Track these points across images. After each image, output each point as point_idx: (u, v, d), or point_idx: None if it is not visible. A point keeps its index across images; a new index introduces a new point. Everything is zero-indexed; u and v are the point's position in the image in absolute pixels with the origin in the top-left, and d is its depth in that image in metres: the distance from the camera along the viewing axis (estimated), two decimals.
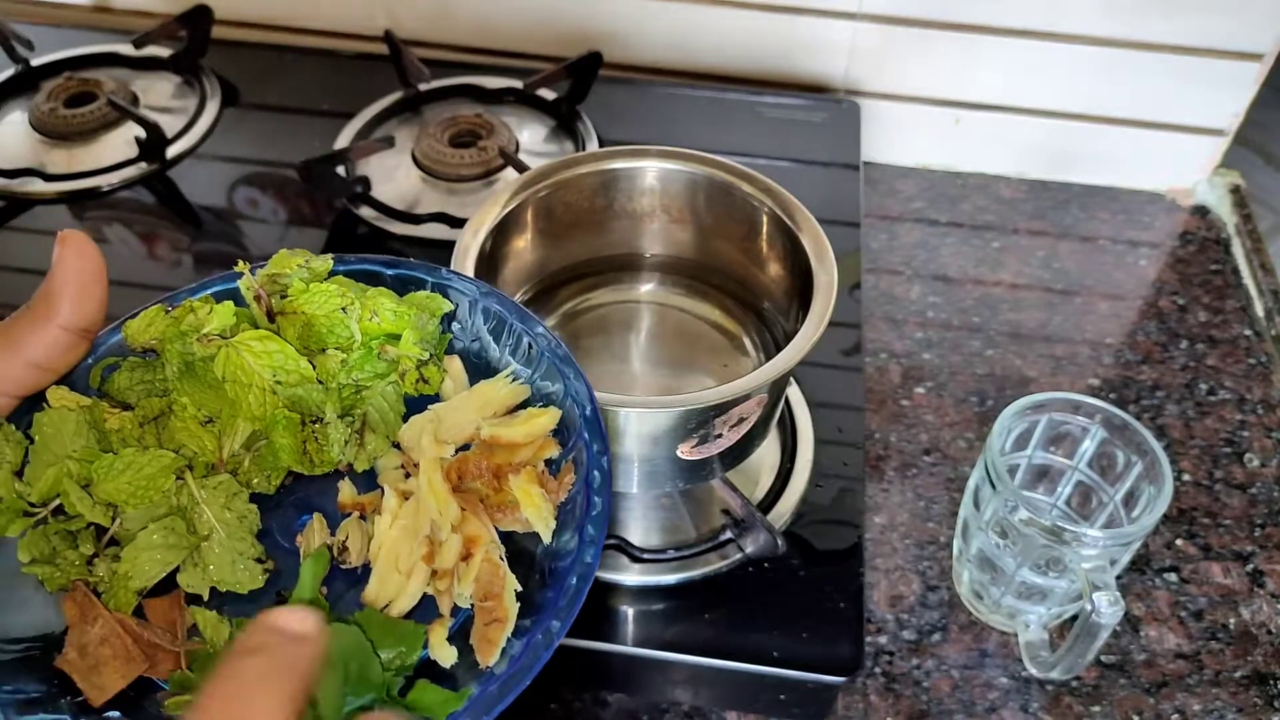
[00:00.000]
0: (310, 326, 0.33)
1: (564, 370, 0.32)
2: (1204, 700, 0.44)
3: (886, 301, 0.60)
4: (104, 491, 0.31)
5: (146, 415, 0.33)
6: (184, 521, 0.32)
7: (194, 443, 0.33)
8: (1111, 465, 0.44)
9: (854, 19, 0.64)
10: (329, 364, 0.33)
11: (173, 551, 0.31)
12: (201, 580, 0.32)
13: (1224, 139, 0.66)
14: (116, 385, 0.34)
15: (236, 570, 0.32)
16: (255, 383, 0.32)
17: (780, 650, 0.40)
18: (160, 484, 0.32)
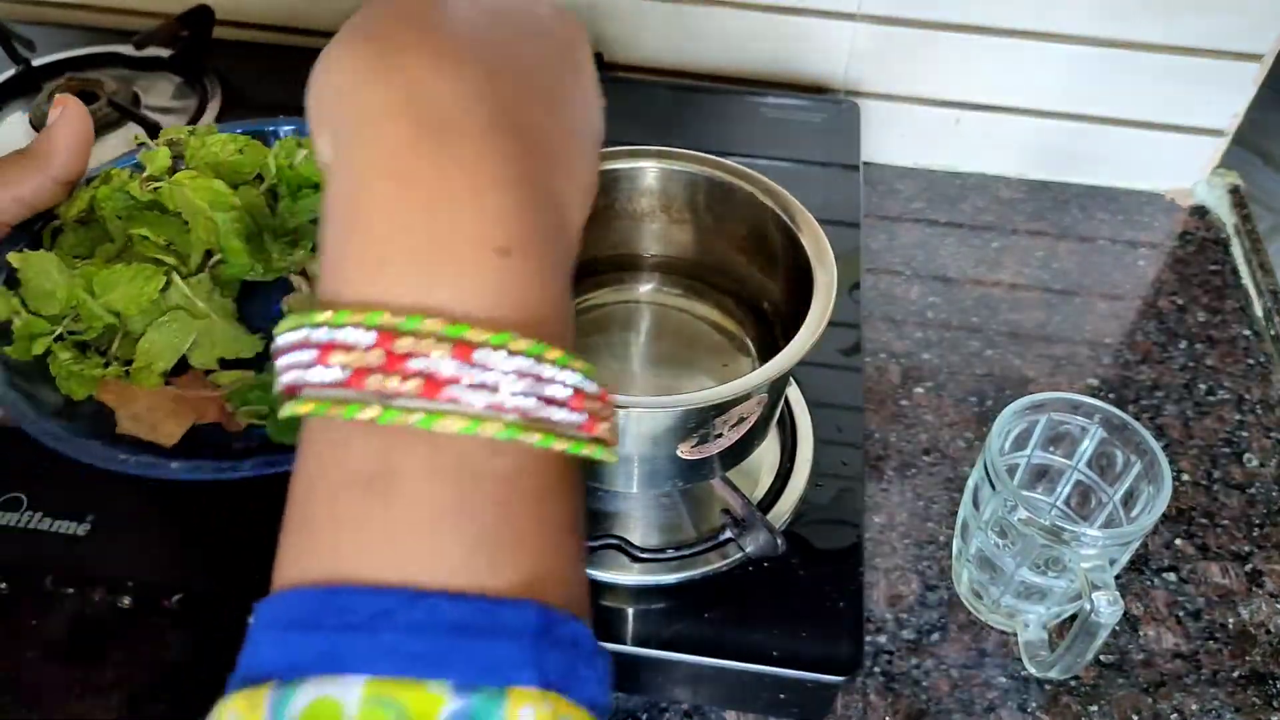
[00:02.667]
0: (221, 168, 0.43)
1: None
2: (1202, 700, 0.44)
3: (886, 301, 0.61)
4: (108, 302, 0.38)
5: (108, 255, 0.40)
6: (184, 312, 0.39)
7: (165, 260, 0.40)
8: (1110, 465, 0.44)
9: (854, 19, 0.64)
10: (250, 194, 0.43)
11: (182, 335, 0.39)
12: (210, 355, 0.40)
13: (1223, 139, 0.66)
14: (68, 243, 0.41)
15: (238, 342, 0.40)
16: (200, 210, 0.41)
17: (780, 649, 0.40)
18: (153, 289, 0.39)
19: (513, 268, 0.19)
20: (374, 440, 0.18)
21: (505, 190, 0.19)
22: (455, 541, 0.18)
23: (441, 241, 0.18)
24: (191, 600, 0.43)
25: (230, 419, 0.38)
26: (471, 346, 0.18)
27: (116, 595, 0.43)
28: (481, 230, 0.19)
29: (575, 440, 0.19)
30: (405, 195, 0.18)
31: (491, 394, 0.18)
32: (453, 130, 0.19)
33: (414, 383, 0.17)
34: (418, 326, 0.18)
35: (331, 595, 0.18)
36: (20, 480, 0.44)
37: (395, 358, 0.17)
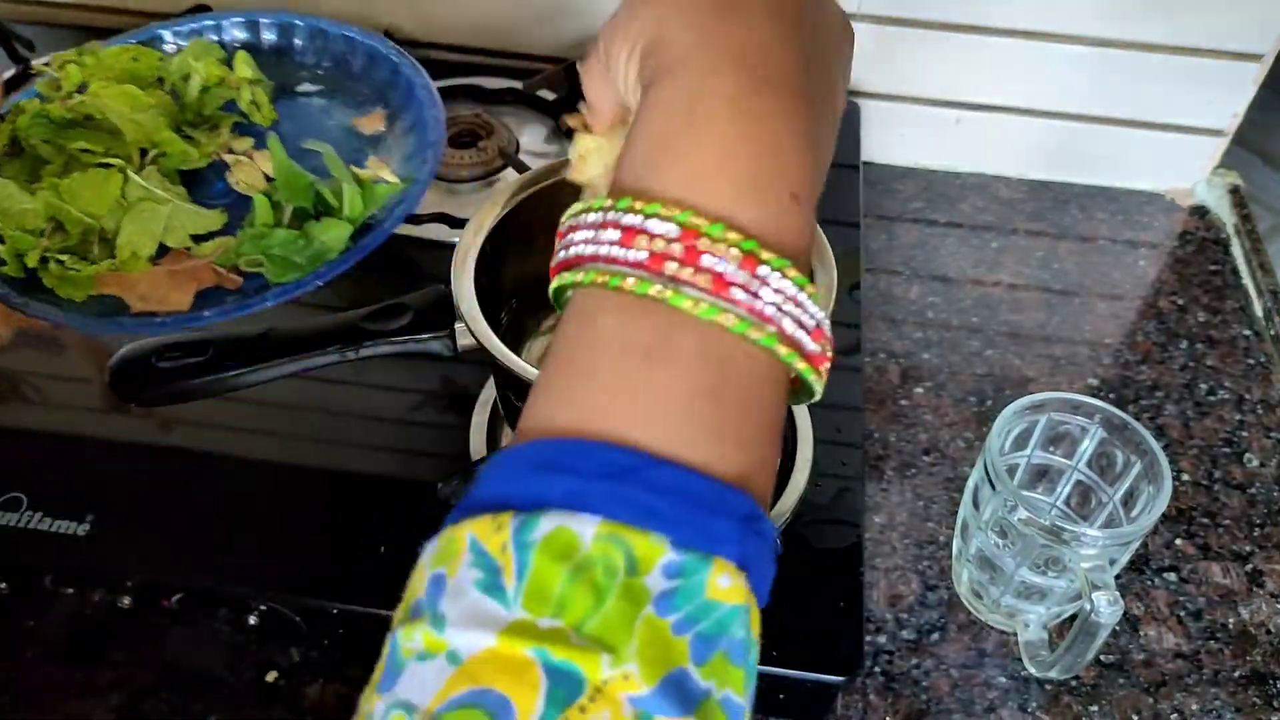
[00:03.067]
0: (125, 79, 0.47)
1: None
2: (1202, 700, 0.44)
3: (885, 301, 0.61)
4: (79, 206, 0.43)
5: (56, 172, 0.44)
6: (149, 202, 0.44)
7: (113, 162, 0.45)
8: (1110, 465, 0.44)
9: (854, 19, 0.64)
10: (157, 95, 0.48)
11: (155, 220, 0.43)
12: (183, 234, 0.44)
13: (1223, 139, 0.66)
14: (12, 172, 0.45)
15: (203, 218, 0.45)
16: (124, 114, 0.45)
17: (779, 649, 0.40)
18: (115, 187, 0.43)
19: (798, 211, 0.22)
20: (658, 318, 0.21)
21: (805, 146, 0.23)
22: (702, 422, 0.20)
23: (752, 174, 0.22)
24: (191, 600, 0.43)
25: (226, 277, 0.43)
26: (758, 261, 0.21)
27: (116, 595, 0.43)
28: (785, 174, 0.22)
29: (809, 366, 0.22)
30: (734, 130, 0.22)
31: (764, 304, 0.21)
32: (782, 87, 0.22)
33: (705, 277, 0.20)
34: (720, 233, 0.20)
35: (590, 446, 0.20)
36: (20, 480, 0.44)
37: (694, 252, 0.20)
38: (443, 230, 0.57)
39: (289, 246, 0.43)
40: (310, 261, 0.43)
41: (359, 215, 0.44)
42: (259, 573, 0.42)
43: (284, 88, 0.53)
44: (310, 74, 0.53)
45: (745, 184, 0.22)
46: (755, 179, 0.22)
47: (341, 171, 0.45)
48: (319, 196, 0.45)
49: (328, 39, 0.53)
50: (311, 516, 0.45)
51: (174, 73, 0.51)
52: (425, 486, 0.44)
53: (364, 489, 0.46)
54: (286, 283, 0.42)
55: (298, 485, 0.46)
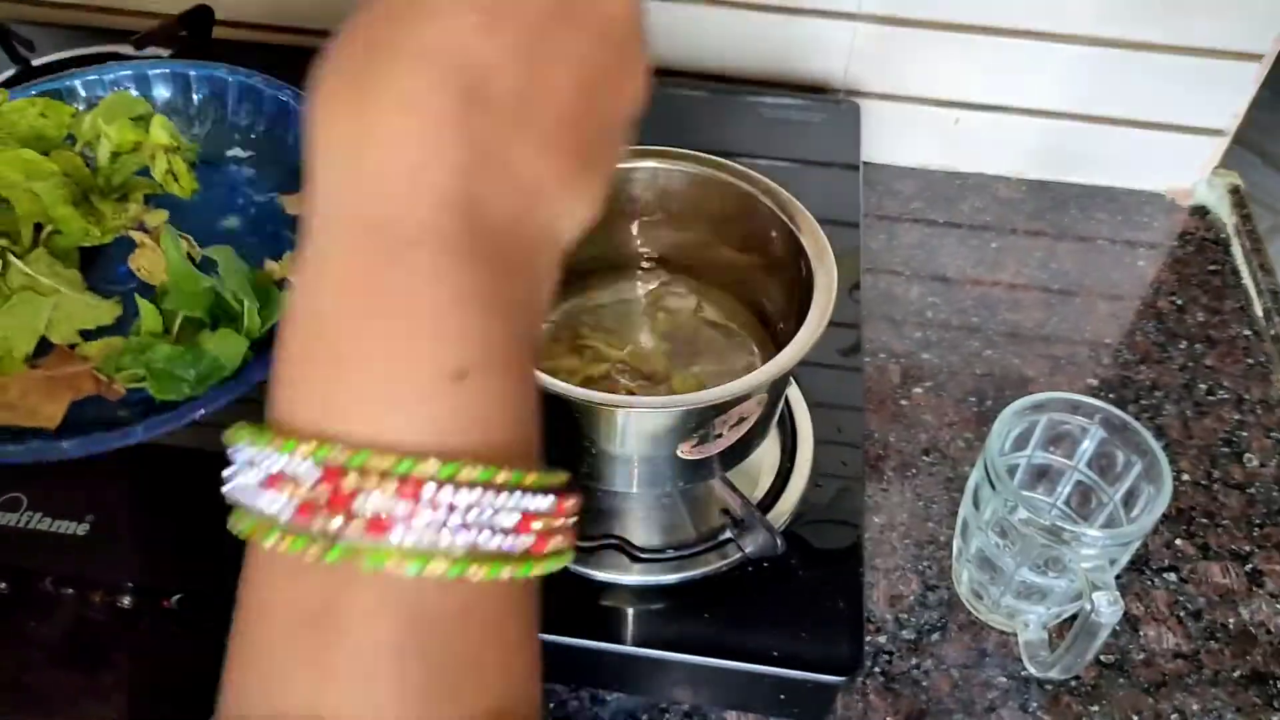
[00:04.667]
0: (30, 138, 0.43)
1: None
2: (1203, 700, 0.44)
3: (885, 301, 0.61)
4: None
5: None
6: (31, 292, 0.38)
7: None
8: (1111, 465, 0.44)
9: (854, 19, 0.64)
10: (65, 158, 0.42)
11: (35, 314, 0.38)
12: (69, 329, 0.39)
13: (1223, 139, 0.66)
14: None
15: (94, 310, 0.39)
16: (17, 184, 0.40)
17: (779, 650, 0.40)
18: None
19: (469, 390, 0.18)
20: (321, 576, 0.18)
21: (465, 310, 0.18)
22: (406, 680, 0.17)
23: (397, 368, 0.18)
24: (192, 600, 0.42)
25: (108, 387, 0.37)
26: (419, 483, 0.17)
27: (116, 596, 0.43)
28: (439, 354, 0.18)
29: (525, 562, 0.18)
30: (361, 326, 0.18)
31: (437, 531, 0.17)
32: (418, 245, 0.17)
33: (359, 522, 0.17)
34: (365, 463, 0.17)
35: None
36: (20, 480, 0.44)
37: (341, 496, 0.17)
38: None
39: (175, 362, 0.37)
40: (199, 380, 0.37)
41: (258, 329, 0.38)
42: None
43: (213, 153, 0.47)
44: (242, 138, 0.47)
45: (387, 382, 0.17)
46: (398, 371, 0.17)
47: (240, 283, 0.38)
48: (219, 300, 0.39)
49: (261, 101, 0.47)
50: None
51: (87, 131, 0.45)
52: None
53: None
54: (171, 404, 0.36)
55: None
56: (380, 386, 0.18)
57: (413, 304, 0.18)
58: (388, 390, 0.18)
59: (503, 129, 0.18)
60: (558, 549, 0.19)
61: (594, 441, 0.38)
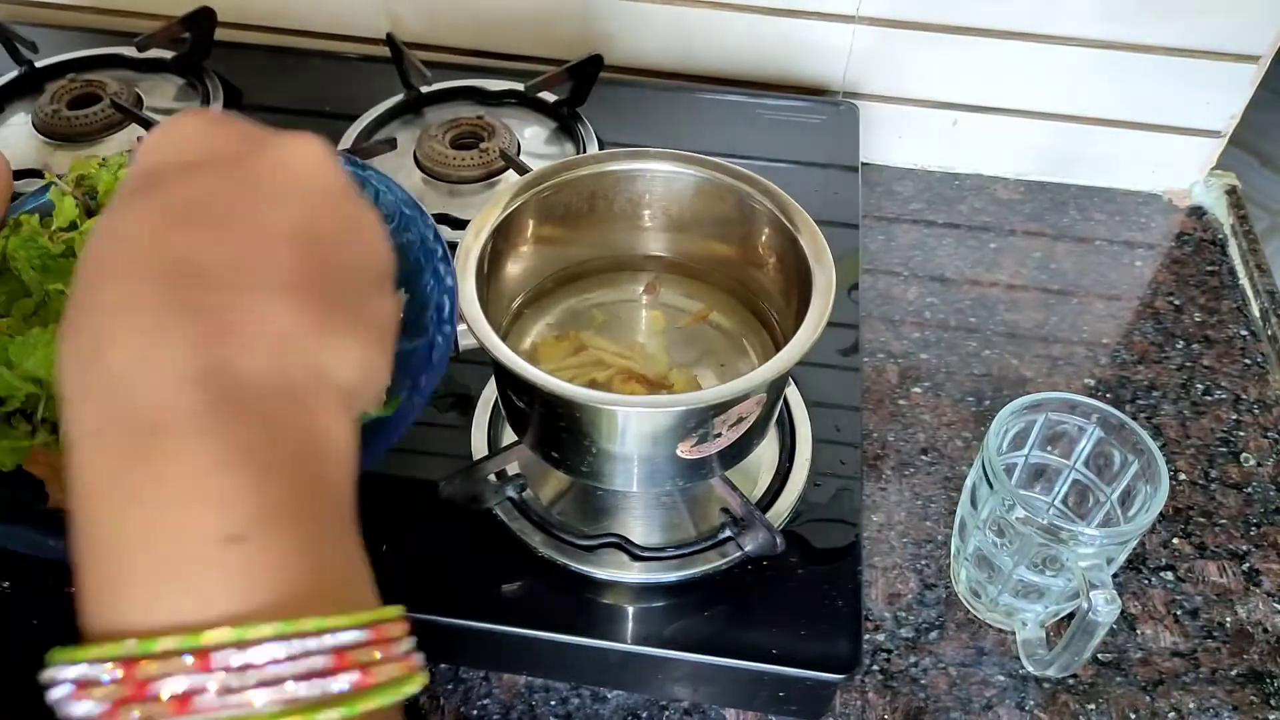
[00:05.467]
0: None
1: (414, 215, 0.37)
2: (1200, 698, 0.44)
3: (884, 302, 0.61)
4: (25, 369, 0.35)
5: (25, 312, 0.37)
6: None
7: None
8: (1108, 464, 0.44)
9: (853, 21, 0.65)
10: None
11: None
12: None
13: (1220, 140, 0.66)
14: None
15: None
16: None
17: (779, 648, 0.40)
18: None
19: (250, 550, 0.18)
20: None
21: (229, 473, 0.18)
22: None
23: (169, 548, 0.18)
24: None
25: None
26: (208, 653, 0.17)
27: None
28: (207, 524, 0.18)
29: (353, 700, 0.18)
30: (124, 512, 0.18)
31: (242, 693, 0.18)
32: (164, 433, 0.18)
33: (162, 707, 0.17)
34: (152, 648, 0.17)
35: None
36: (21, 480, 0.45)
37: (141, 685, 0.17)
38: (444, 231, 0.57)
39: None
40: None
41: None
42: None
43: None
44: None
45: (163, 564, 0.18)
46: (171, 550, 0.18)
47: None
48: None
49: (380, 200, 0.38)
50: None
51: None
52: (427, 486, 0.44)
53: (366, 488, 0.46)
54: None
55: None
56: (156, 569, 0.18)
57: (167, 485, 0.18)
58: (164, 571, 0.18)
59: (226, 294, 0.20)
60: (393, 678, 0.19)
61: (594, 441, 0.39)
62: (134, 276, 0.19)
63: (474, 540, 0.43)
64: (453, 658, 0.44)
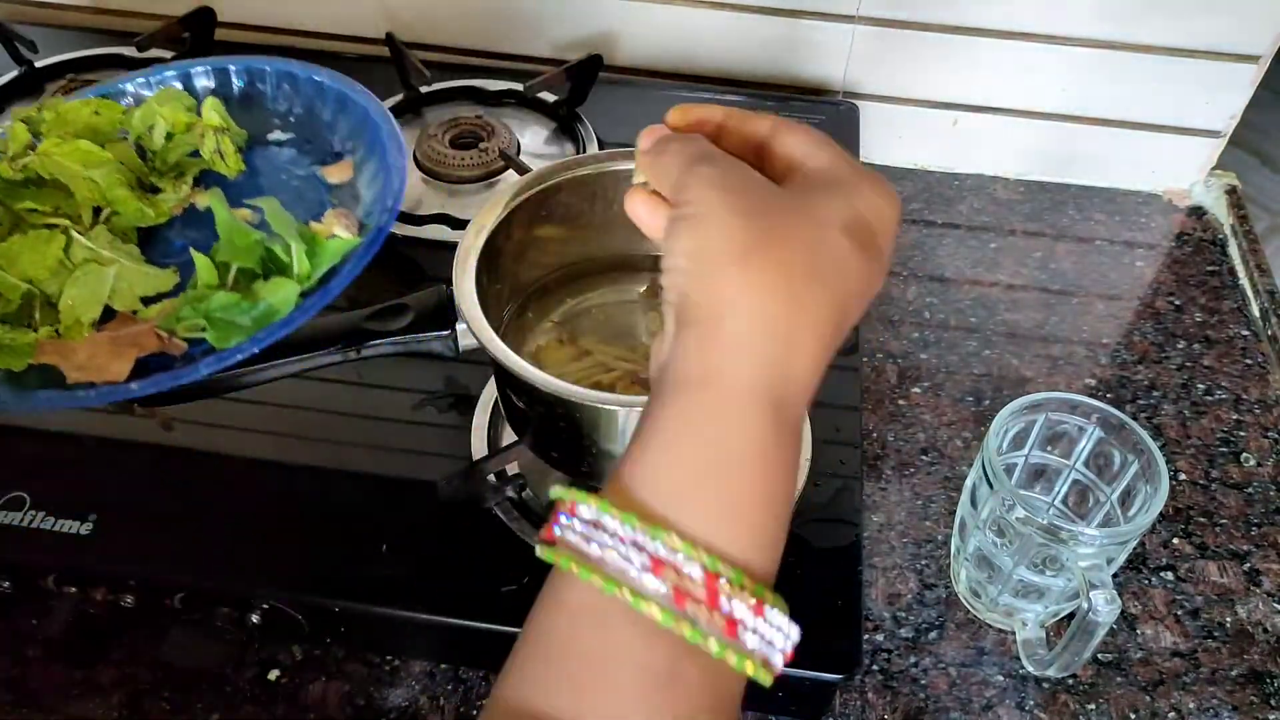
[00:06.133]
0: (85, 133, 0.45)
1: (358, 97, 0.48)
2: (1200, 698, 0.44)
3: (883, 302, 0.61)
4: (18, 271, 0.40)
5: (4, 232, 0.42)
6: (94, 264, 0.41)
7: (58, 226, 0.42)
8: (1108, 464, 0.44)
9: (853, 21, 0.65)
10: (119, 149, 0.45)
11: (99, 284, 0.41)
12: (130, 296, 0.41)
13: (1220, 140, 0.66)
14: None
15: (153, 279, 0.42)
16: (75, 173, 0.43)
17: None
18: (56, 249, 0.41)
19: (779, 536, 0.24)
20: (674, 647, 0.23)
21: (792, 472, 0.25)
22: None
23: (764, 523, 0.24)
24: (193, 598, 0.43)
25: (169, 342, 0.40)
26: (764, 604, 0.23)
27: (119, 594, 0.43)
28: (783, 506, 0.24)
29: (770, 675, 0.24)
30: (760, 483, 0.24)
31: (763, 644, 0.23)
32: (792, 427, 0.24)
33: (719, 618, 0.22)
34: (740, 581, 0.23)
35: None
36: (23, 479, 0.45)
37: (715, 596, 0.22)
38: (444, 231, 0.57)
39: (231, 309, 0.40)
40: (255, 323, 0.39)
41: (307, 275, 0.41)
42: (261, 571, 0.43)
43: (255, 137, 0.49)
44: (281, 121, 0.50)
45: (759, 532, 0.24)
46: (766, 527, 0.24)
47: (286, 228, 0.41)
48: (269, 254, 0.42)
49: (297, 84, 0.50)
50: (313, 515, 0.45)
51: (138, 124, 0.48)
52: (427, 486, 0.44)
53: (366, 488, 0.46)
54: (232, 350, 0.39)
55: (300, 484, 0.46)
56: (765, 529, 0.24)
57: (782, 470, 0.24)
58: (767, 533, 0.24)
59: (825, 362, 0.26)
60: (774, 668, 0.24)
61: (594, 441, 0.39)
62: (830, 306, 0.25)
63: (474, 540, 0.43)
64: (453, 658, 0.44)
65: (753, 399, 0.24)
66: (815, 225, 0.25)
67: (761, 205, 0.25)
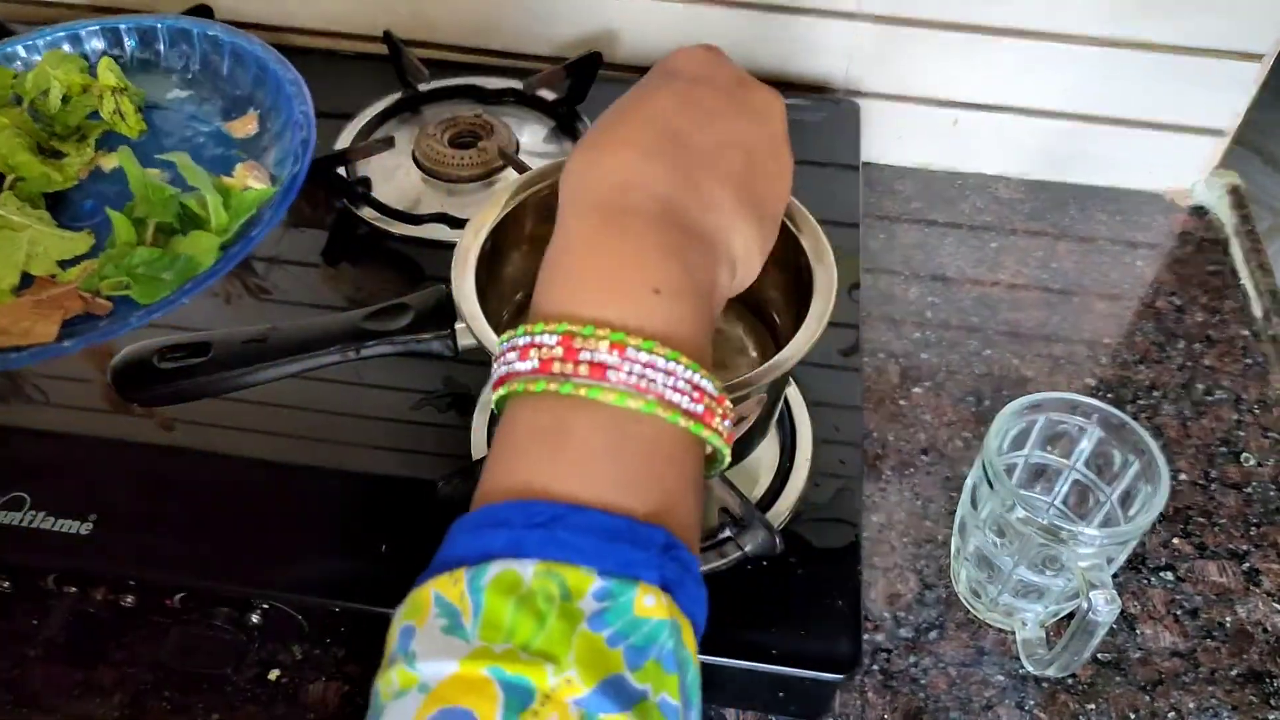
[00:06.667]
0: None
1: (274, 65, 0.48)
2: (1199, 698, 0.44)
3: (885, 301, 0.61)
4: None
5: None
6: (6, 230, 0.41)
7: None
8: (1108, 464, 0.44)
9: (854, 19, 0.64)
10: (13, 114, 0.45)
11: (13, 249, 0.41)
12: (48, 260, 0.41)
13: (1223, 139, 0.66)
14: None
15: (69, 242, 0.42)
16: None
17: (778, 648, 0.40)
18: None
19: (661, 302, 0.27)
20: (556, 405, 0.26)
21: (662, 255, 0.28)
22: (609, 475, 0.25)
23: (615, 281, 0.27)
24: (193, 599, 0.43)
25: (93, 302, 0.41)
26: (625, 346, 0.25)
27: (119, 594, 0.43)
28: (643, 276, 0.27)
29: (696, 423, 0.26)
30: (595, 256, 0.28)
31: (638, 379, 0.25)
32: (632, 216, 0.28)
33: (584, 368, 0.25)
34: (591, 332, 0.25)
35: (520, 505, 0.24)
36: (23, 479, 0.45)
37: (573, 351, 0.25)
38: (443, 230, 0.57)
39: (154, 265, 0.41)
40: (178, 277, 0.40)
41: (225, 225, 0.42)
42: (261, 571, 0.43)
43: (153, 97, 0.49)
44: (179, 79, 0.50)
45: (608, 290, 0.27)
46: (615, 285, 0.27)
47: (201, 181, 0.42)
48: (184, 209, 0.42)
49: (191, 40, 0.49)
50: (313, 516, 0.45)
51: (31, 88, 0.47)
52: (426, 486, 0.44)
53: (365, 488, 0.46)
54: (155, 304, 0.40)
55: (299, 484, 0.46)
56: (604, 290, 0.27)
57: (627, 244, 0.28)
58: (609, 293, 0.27)
59: (693, 161, 0.29)
60: (718, 431, 0.27)
61: None
62: (643, 125, 0.30)
63: None
64: None
65: (577, 209, 0.29)
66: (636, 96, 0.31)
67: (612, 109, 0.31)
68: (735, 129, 0.31)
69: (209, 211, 0.41)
